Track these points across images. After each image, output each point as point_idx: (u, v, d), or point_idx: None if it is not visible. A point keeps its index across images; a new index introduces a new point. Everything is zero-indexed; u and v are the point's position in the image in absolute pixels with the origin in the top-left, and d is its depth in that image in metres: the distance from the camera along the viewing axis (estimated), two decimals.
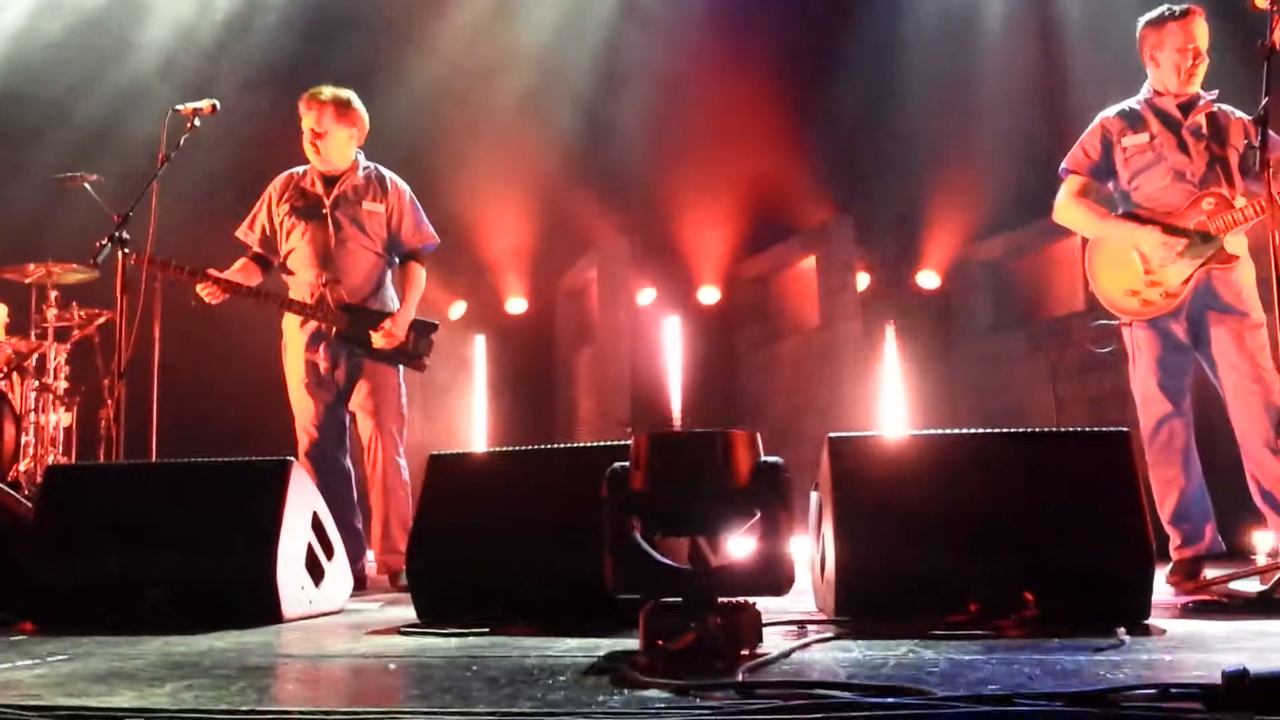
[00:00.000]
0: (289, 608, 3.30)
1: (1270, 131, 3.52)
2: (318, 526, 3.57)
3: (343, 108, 4.70)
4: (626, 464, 2.46)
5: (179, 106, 4.49)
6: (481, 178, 8.22)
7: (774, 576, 2.37)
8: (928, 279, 8.85)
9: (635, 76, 8.44)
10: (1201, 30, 4.03)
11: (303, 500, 3.49)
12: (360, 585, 4.46)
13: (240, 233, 4.84)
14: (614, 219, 8.97)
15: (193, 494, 3.50)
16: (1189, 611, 3.09)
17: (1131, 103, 4.18)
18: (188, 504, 3.46)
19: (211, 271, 4.56)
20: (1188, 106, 4.07)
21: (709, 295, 9.30)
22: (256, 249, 4.81)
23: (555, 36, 8.37)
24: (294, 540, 3.40)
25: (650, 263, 9.27)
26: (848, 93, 8.54)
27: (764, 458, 2.45)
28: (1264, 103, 3.45)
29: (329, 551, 3.62)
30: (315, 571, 3.51)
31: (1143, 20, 4.12)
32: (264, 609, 3.24)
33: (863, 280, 8.72)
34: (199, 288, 4.54)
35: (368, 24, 7.83)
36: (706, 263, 9.28)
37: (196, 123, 4.47)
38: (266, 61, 7.56)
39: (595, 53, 8.38)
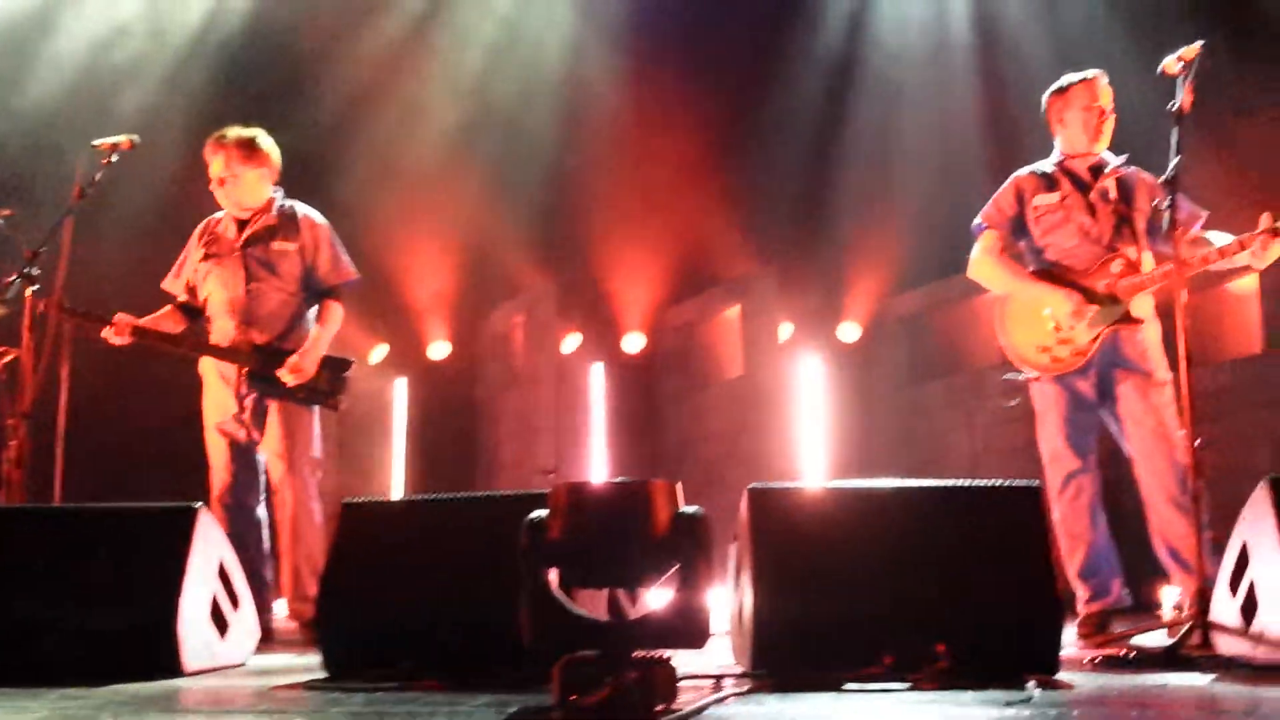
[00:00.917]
0: (191, 660, 3.19)
1: (1179, 194, 3.64)
2: (224, 576, 3.47)
3: (248, 148, 4.61)
4: (545, 513, 2.43)
5: (96, 141, 4.39)
6: (405, 219, 8.17)
7: (692, 629, 2.35)
8: (849, 330, 8.98)
9: (564, 123, 8.48)
10: (1105, 90, 4.18)
11: (209, 548, 3.39)
12: (268, 636, 4.34)
13: (166, 283, 4.75)
14: (540, 264, 8.96)
15: (95, 540, 3.38)
16: (1097, 665, 3.14)
17: (1044, 164, 4.30)
18: (89, 550, 3.34)
19: (121, 316, 4.45)
20: (1098, 169, 4.20)
21: (634, 343, 9.31)
22: (183, 297, 4.72)
23: (483, 80, 8.38)
24: (198, 589, 3.30)
25: (576, 309, 9.26)
26: (774, 146, 8.69)
27: (683, 508, 2.44)
28: (1173, 164, 3.57)
29: (235, 602, 3.52)
30: (220, 622, 3.41)
31: (1048, 91, 4.27)
32: (165, 661, 3.13)
33: (786, 330, 8.81)
34: (104, 332, 4.43)
35: (290, 63, 7.75)
36: (632, 310, 9.30)
37: (114, 158, 4.38)
38: (184, 98, 7.43)
39: (524, 99, 8.40)
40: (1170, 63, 3.61)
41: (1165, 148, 3.60)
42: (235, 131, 4.61)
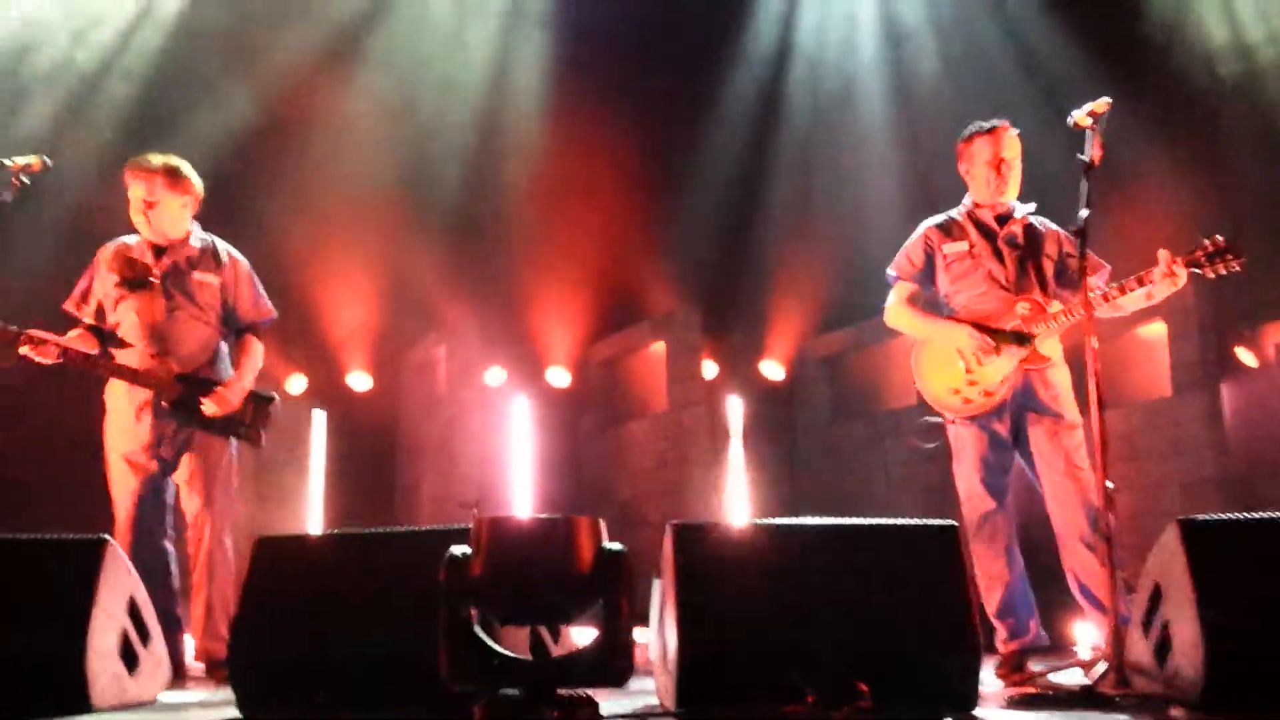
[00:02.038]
0: (99, 696, 3.09)
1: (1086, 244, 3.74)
2: (134, 611, 3.37)
3: (173, 175, 4.51)
4: (466, 548, 2.40)
5: (4, 161, 4.26)
6: (325, 248, 8.06)
7: (614, 667, 2.34)
8: (772, 369, 9.07)
9: (490, 154, 8.47)
10: (1010, 142, 4.27)
11: (118, 582, 3.29)
12: (178, 674, 4.20)
13: (69, 305, 4.60)
14: (465, 296, 8.91)
15: None
16: (1015, 703, 3.18)
17: (953, 213, 4.41)
18: None
19: (35, 332, 4.31)
20: (1004, 218, 4.31)
21: (558, 377, 9.28)
22: (90, 320, 4.58)
23: (406, 109, 8.35)
24: (107, 624, 3.19)
25: (500, 342, 9.22)
26: (699, 184, 8.79)
27: (607, 544, 2.43)
28: (1083, 215, 3.67)
29: (145, 638, 3.41)
30: (130, 658, 3.30)
31: (960, 136, 4.37)
32: (72, 697, 3.03)
33: (710, 368, 8.87)
34: (23, 348, 4.28)
35: (210, 88, 7.63)
36: (556, 345, 9.28)
37: (24, 179, 4.25)
38: (105, 120, 7.28)
39: (448, 130, 8.38)
40: (1080, 116, 3.72)
41: (1074, 198, 3.70)
42: (160, 158, 4.52)
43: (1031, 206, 4.34)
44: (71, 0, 7.33)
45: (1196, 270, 3.91)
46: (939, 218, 4.41)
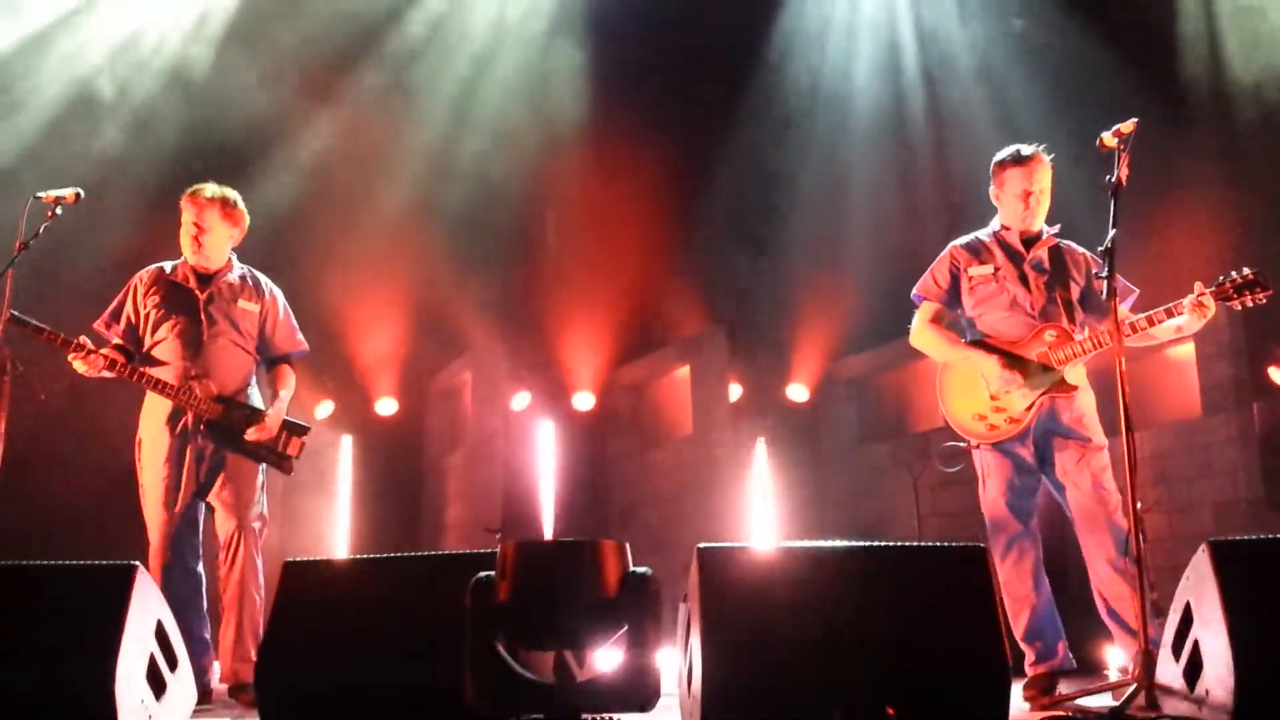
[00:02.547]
0: None
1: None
2: (161, 636, 3.39)
3: (228, 206, 4.68)
4: (491, 574, 2.41)
5: (40, 194, 4.35)
6: (355, 275, 8.14)
7: (640, 691, 2.34)
8: (797, 392, 9.05)
9: (515, 182, 8.54)
10: (1042, 173, 4.27)
11: (147, 608, 3.31)
12: (205, 698, 4.23)
13: (99, 324, 4.67)
14: (489, 322, 8.96)
15: (29, 600, 3.29)
16: None
17: (980, 234, 4.39)
18: (22, 610, 3.25)
19: (85, 340, 4.41)
20: (1031, 241, 4.30)
21: (584, 401, 9.30)
22: (117, 340, 4.65)
23: (436, 140, 8.43)
24: (135, 650, 3.21)
25: (525, 367, 9.25)
26: (726, 210, 8.81)
27: (633, 568, 2.43)
28: (1111, 234, 3.65)
29: (173, 663, 3.43)
30: (157, 684, 3.31)
31: (993, 161, 4.37)
32: None
33: (735, 391, 8.85)
34: (72, 357, 4.36)
35: (242, 119, 7.74)
36: (582, 369, 9.30)
37: (58, 211, 4.33)
38: (138, 155, 7.39)
39: (475, 159, 8.45)
40: (1107, 137, 3.72)
41: (1094, 221, 3.70)
42: (216, 187, 4.69)
43: (1056, 229, 4.32)
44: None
45: (1225, 302, 3.92)
46: (966, 238, 4.40)
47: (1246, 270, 3.90)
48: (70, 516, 6.79)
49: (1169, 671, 3.17)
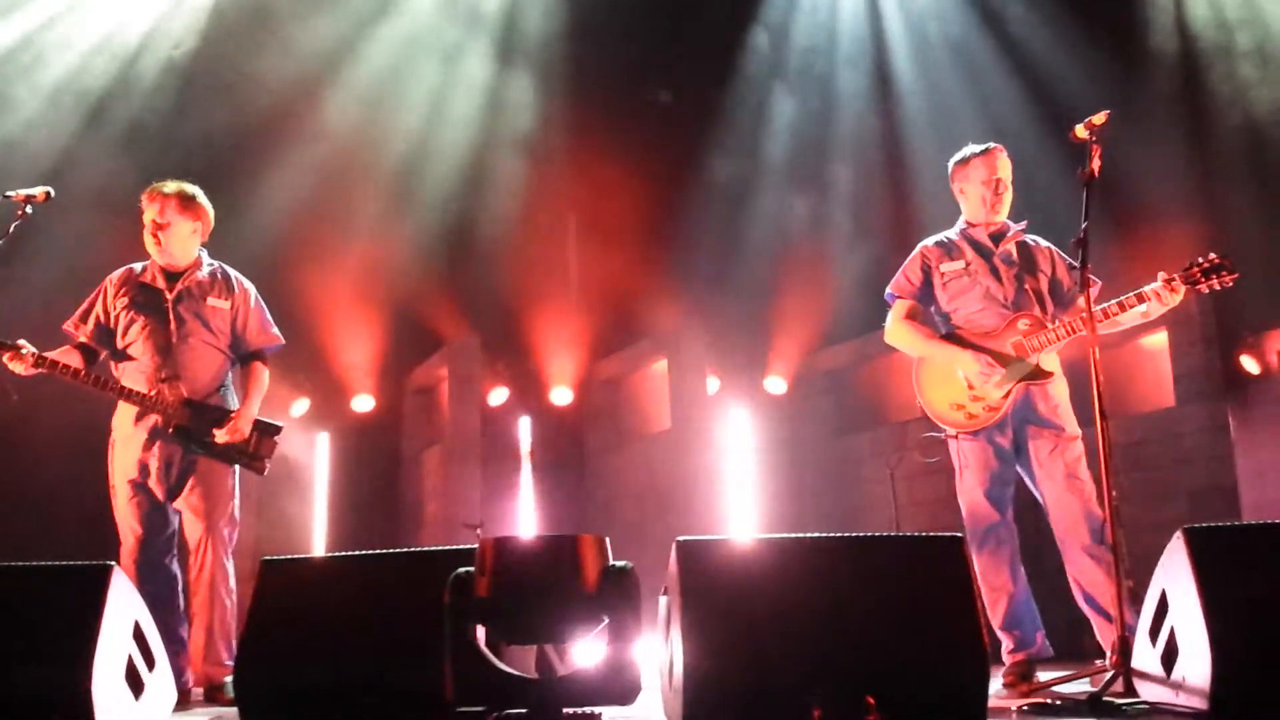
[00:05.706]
0: None
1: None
2: (139, 636, 3.36)
3: (186, 201, 4.59)
4: (471, 569, 2.41)
5: (10, 193, 4.30)
6: (329, 271, 8.09)
7: (621, 685, 2.34)
8: (775, 384, 9.07)
9: (492, 178, 8.51)
10: (1004, 164, 4.36)
11: (123, 608, 3.28)
12: (184, 699, 4.21)
13: (69, 325, 4.62)
14: (466, 317, 8.92)
15: (4, 601, 3.25)
16: (1024, 714, 3.17)
17: (949, 233, 4.47)
18: None
19: (26, 343, 4.32)
20: (998, 236, 4.37)
21: (562, 396, 9.28)
22: (84, 339, 4.59)
23: (413, 136, 8.39)
24: (112, 651, 3.19)
25: (502, 362, 9.23)
26: (701, 202, 8.82)
27: (613, 562, 2.44)
28: (1084, 226, 3.69)
29: (150, 663, 3.40)
30: (135, 684, 3.29)
31: (952, 160, 4.42)
32: None
33: (713, 384, 8.87)
34: (4, 357, 4.29)
35: (219, 119, 7.67)
36: (559, 364, 9.28)
37: (28, 210, 4.29)
38: (116, 154, 7.32)
39: (453, 154, 8.42)
40: (1079, 129, 3.75)
41: (1060, 214, 3.74)
42: (175, 184, 4.61)
43: (1023, 224, 4.38)
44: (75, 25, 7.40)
45: (1192, 286, 3.97)
46: (935, 238, 4.48)
47: (1213, 254, 3.97)
48: (47, 518, 6.73)
49: (1146, 657, 3.20)
